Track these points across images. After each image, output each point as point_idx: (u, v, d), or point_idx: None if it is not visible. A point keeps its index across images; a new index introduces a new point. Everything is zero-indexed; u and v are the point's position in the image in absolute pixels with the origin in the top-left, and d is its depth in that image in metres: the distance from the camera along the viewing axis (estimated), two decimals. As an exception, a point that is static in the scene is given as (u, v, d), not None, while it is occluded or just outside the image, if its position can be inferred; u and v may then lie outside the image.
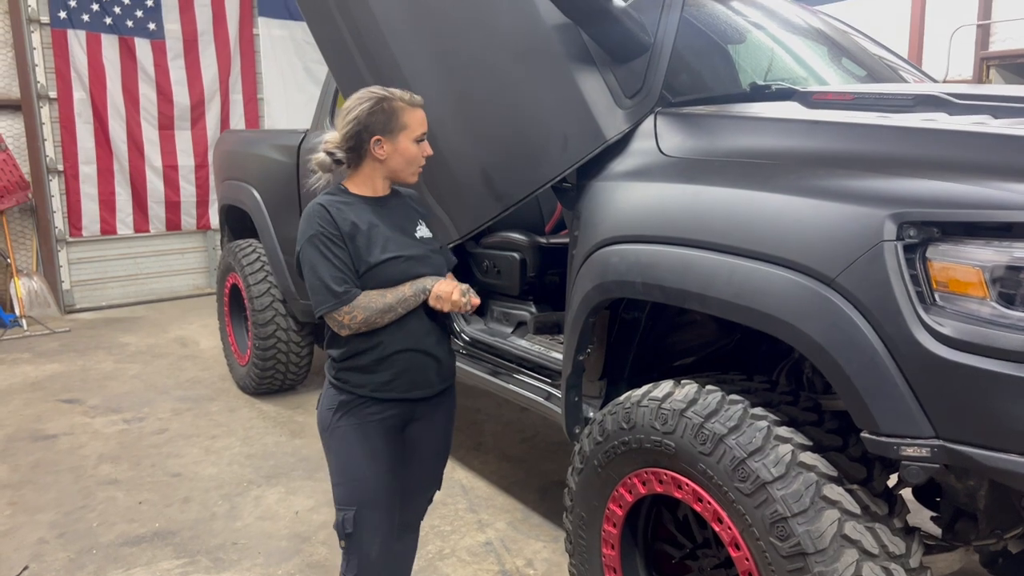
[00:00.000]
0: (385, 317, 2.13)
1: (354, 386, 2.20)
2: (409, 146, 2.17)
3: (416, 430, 2.34)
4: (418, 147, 2.19)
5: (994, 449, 1.52)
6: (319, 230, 2.11)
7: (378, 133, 2.14)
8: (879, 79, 3.24)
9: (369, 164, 2.20)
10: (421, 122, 2.19)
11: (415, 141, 2.18)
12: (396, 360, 2.19)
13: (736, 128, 2.21)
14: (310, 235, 2.12)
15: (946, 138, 1.82)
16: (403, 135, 2.16)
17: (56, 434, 4.44)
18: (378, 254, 2.15)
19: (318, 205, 2.16)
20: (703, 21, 3.18)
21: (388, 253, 2.16)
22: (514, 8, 2.45)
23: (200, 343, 6.36)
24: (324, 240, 2.11)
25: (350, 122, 2.16)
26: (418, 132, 2.18)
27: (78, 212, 7.43)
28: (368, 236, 2.15)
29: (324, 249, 2.11)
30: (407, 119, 2.16)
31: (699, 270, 1.96)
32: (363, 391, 2.20)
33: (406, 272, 2.18)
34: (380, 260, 2.15)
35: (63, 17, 7.09)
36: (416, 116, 2.18)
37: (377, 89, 2.19)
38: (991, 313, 1.53)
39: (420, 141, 2.19)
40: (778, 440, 1.84)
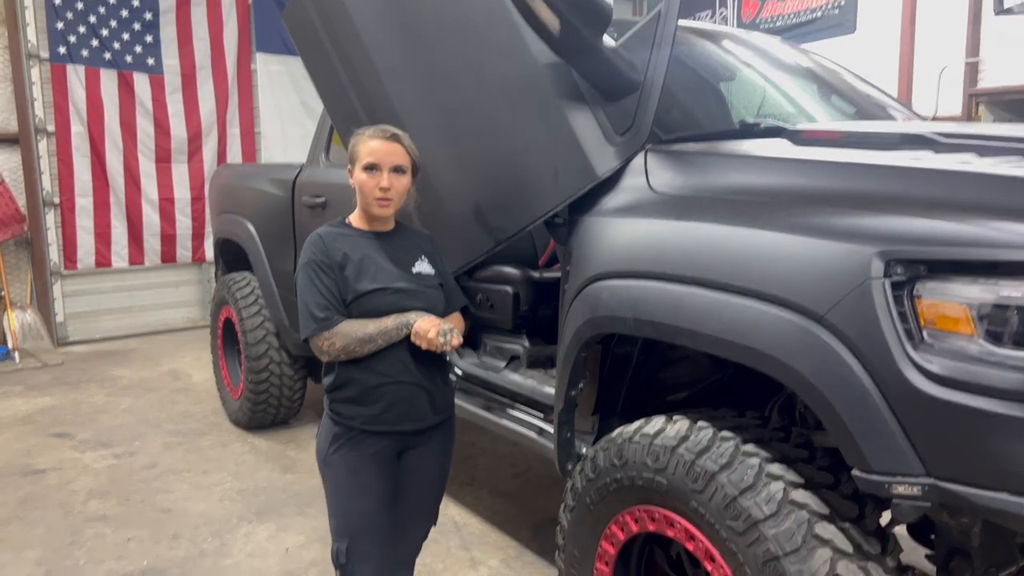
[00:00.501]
0: (365, 347, 2.15)
1: (346, 418, 2.22)
2: (359, 174, 2.23)
3: (411, 460, 2.34)
4: (369, 176, 2.22)
5: (985, 487, 1.52)
6: (311, 258, 2.20)
7: (349, 164, 2.27)
8: (868, 116, 3.28)
9: (356, 196, 2.29)
10: (372, 152, 2.22)
11: (363, 169, 2.22)
12: (384, 391, 2.20)
13: (725, 165, 2.23)
14: (303, 263, 2.21)
15: (932, 177, 1.85)
16: (357, 165, 2.24)
17: (45, 469, 4.40)
18: (366, 284, 2.19)
19: (315, 235, 2.24)
20: (694, 59, 3.23)
21: (376, 284, 2.20)
22: (507, 47, 2.49)
23: (193, 376, 6.33)
24: (314, 267, 2.18)
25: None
26: (365, 160, 2.22)
27: (73, 245, 7.44)
28: (359, 266, 2.20)
29: (313, 276, 2.18)
30: (359, 149, 2.24)
31: (689, 306, 1.96)
32: (355, 423, 2.21)
33: (393, 304, 2.20)
34: (367, 290, 2.18)
35: (63, 52, 7.16)
36: (367, 146, 2.23)
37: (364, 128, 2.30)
38: (979, 351, 1.54)
39: (371, 169, 2.21)
40: (770, 477, 1.83)
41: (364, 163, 2.21)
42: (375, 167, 2.21)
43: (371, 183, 2.21)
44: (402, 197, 2.27)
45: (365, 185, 2.22)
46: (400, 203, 2.28)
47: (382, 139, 2.23)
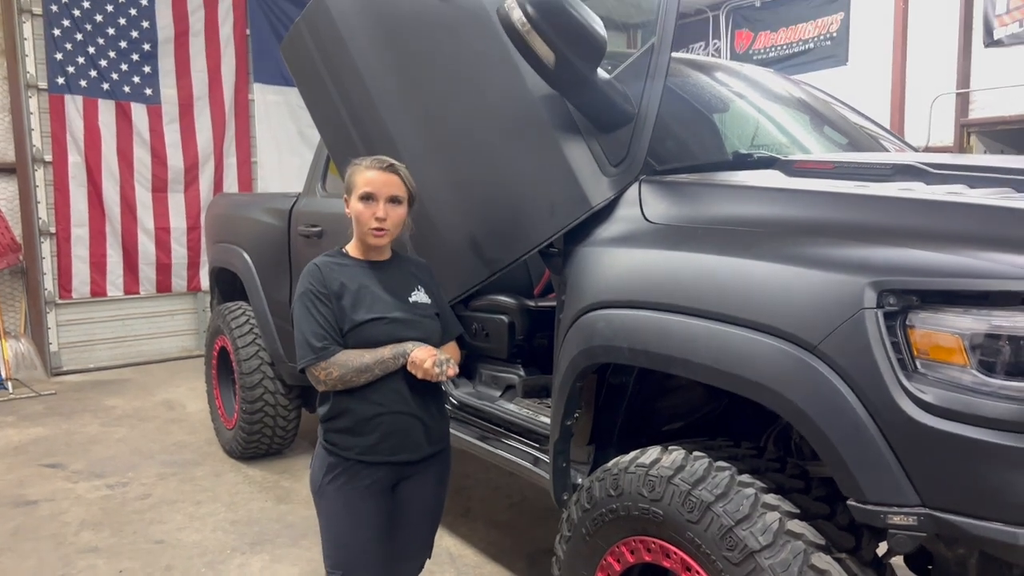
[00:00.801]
0: (361, 377, 2.15)
1: (342, 449, 2.21)
2: (355, 204, 2.25)
3: (406, 491, 2.33)
4: (365, 206, 2.23)
5: (980, 517, 1.52)
6: (308, 288, 2.20)
7: (345, 194, 2.29)
8: (860, 147, 3.31)
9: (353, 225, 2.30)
10: (369, 182, 2.23)
11: (360, 199, 2.23)
12: (380, 422, 2.20)
13: (719, 196, 2.25)
14: (300, 292, 2.22)
15: (924, 207, 1.86)
16: (354, 194, 2.25)
17: (37, 500, 4.36)
18: (363, 314, 2.19)
19: (312, 264, 2.25)
20: (687, 91, 3.26)
21: (373, 314, 2.20)
22: (503, 79, 2.52)
23: (187, 406, 6.30)
24: (311, 297, 2.19)
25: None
26: (361, 190, 2.23)
27: (69, 274, 7.43)
28: (356, 296, 2.21)
29: (310, 306, 2.18)
30: (355, 178, 2.25)
31: (684, 335, 1.97)
32: (350, 454, 2.21)
33: (391, 334, 2.21)
34: (364, 319, 2.19)
35: (61, 83, 7.21)
36: (364, 176, 2.24)
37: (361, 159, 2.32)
38: (972, 380, 1.54)
39: (367, 199, 2.23)
40: (766, 508, 1.83)
41: (361, 193, 2.22)
42: (371, 197, 2.22)
43: (367, 213, 2.22)
44: (398, 228, 2.28)
45: (361, 215, 2.23)
46: (396, 234, 2.29)
47: (379, 170, 2.24)
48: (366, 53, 2.87)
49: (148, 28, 7.61)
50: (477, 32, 2.53)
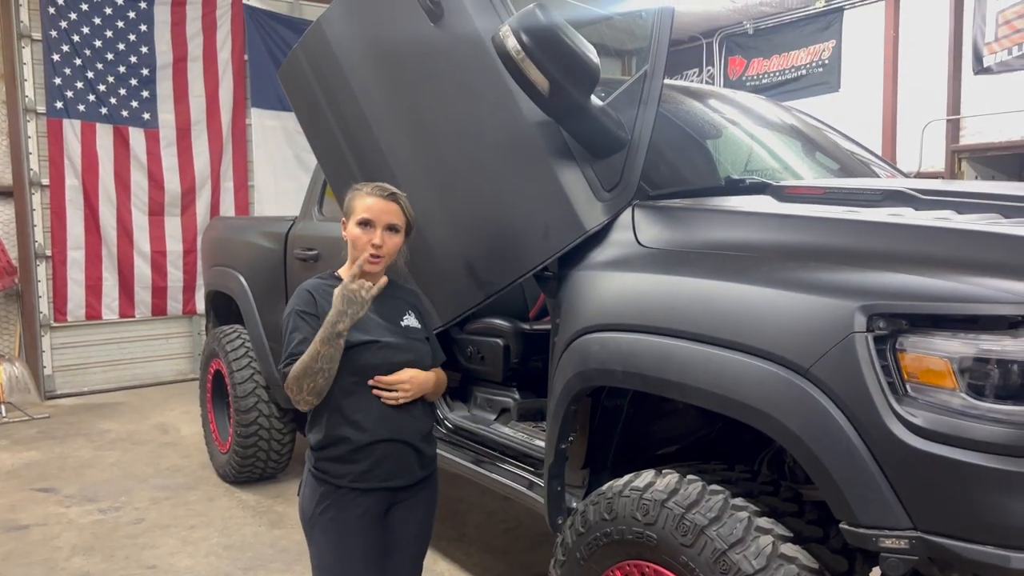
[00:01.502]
0: (318, 377, 2.12)
1: (334, 476, 2.21)
2: (353, 228, 2.26)
3: (397, 516, 2.33)
4: (362, 231, 2.24)
5: (972, 540, 1.53)
6: (295, 308, 2.24)
7: (343, 218, 2.31)
8: (851, 173, 3.35)
9: (348, 248, 2.32)
10: (368, 208, 2.25)
11: (358, 224, 2.25)
12: (374, 450, 2.21)
13: (711, 221, 2.28)
14: (287, 312, 2.25)
15: (913, 232, 1.89)
16: (352, 219, 2.27)
17: (29, 524, 4.33)
18: (356, 336, 2.19)
19: (304, 289, 2.27)
20: (681, 117, 3.30)
21: (366, 336, 2.21)
22: (498, 106, 2.55)
23: (181, 430, 6.28)
24: (295, 317, 2.22)
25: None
26: (360, 216, 2.25)
27: (64, 297, 7.43)
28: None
29: (292, 326, 2.21)
30: (355, 203, 2.27)
31: (677, 359, 1.98)
32: (342, 482, 2.20)
33: (384, 358, 2.23)
34: (357, 342, 2.19)
35: (59, 107, 7.26)
36: (364, 202, 2.26)
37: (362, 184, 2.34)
38: (961, 404, 1.56)
39: (365, 225, 2.24)
40: (759, 531, 1.83)
41: (359, 218, 2.24)
42: (369, 223, 2.24)
43: (364, 239, 2.24)
44: (392, 256, 2.29)
45: (358, 240, 2.25)
46: (390, 262, 2.30)
47: (379, 196, 2.26)
48: (362, 79, 2.90)
49: (147, 53, 7.68)
50: (472, 59, 2.57)
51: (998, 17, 7.64)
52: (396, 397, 2.23)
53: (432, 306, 2.88)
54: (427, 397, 2.35)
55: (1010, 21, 7.56)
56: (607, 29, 3.26)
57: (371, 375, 2.21)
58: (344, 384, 2.19)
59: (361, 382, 2.21)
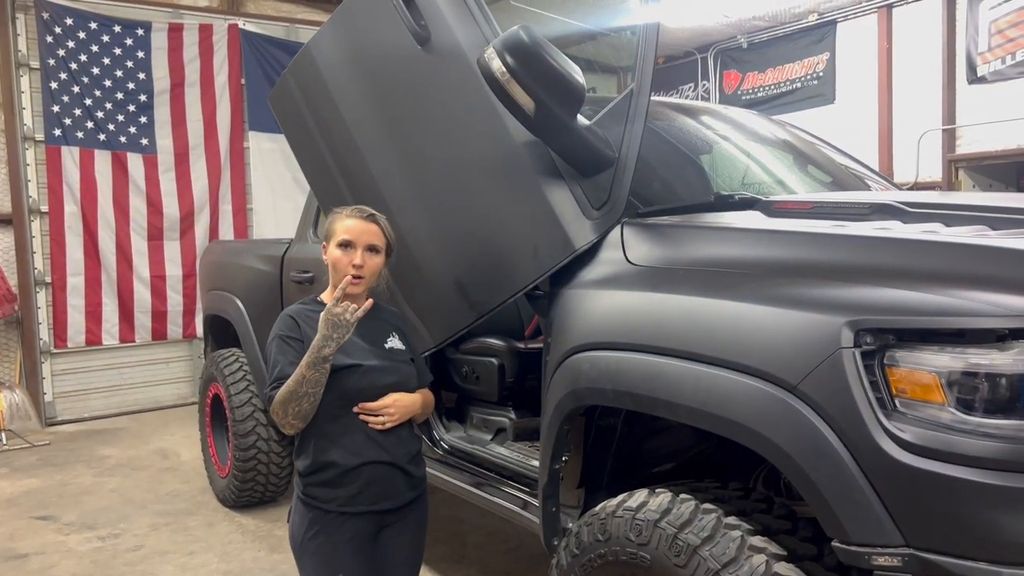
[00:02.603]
0: (303, 401, 2.12)
1: (322, 501, 2.20)
2: (333, 251, 2.28)
3: (387, 538, 2.33)
4: (343, 253, 2.26)
5: (964, 557, 1.51)
6: (279, 333, 2.25)
7: (324, 241, 2.33)
8: (843, 186, 3.35)
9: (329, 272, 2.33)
10: (348, 230, 2.27)
11: (338, 246, 2.27)
12: (361, 472, 2.21)
13: (699, 238, 2.27)
14: (271, 337, 2.27)
15: (899, 246, 1.88)
16: (332, 241, 2.29)
17: (28, 553, 4.31)
18: (342, 359, 2.19)
19: (286, 316, 2.28)
20: (671, 134, 3.31)
21: (351, 360, 2.21)
22: (485, 126, 2.56)
23: (181, 455, 6.26)
24: (279, 342, 2.23)
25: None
26: (340, 237, 2.27)
27: (64, 323, 7.44)
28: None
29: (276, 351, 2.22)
30: (336, 226, 2.29)
31: (667, 377, 1.97)
32: (331, 506, 2.20)
33: (370, 381, 2.24)
34: (343, 365, 2.19)
35: (58, 134, 7.30)
36: (343, 224, 2.28)
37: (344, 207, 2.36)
38: (950, 419, 1.54)
39: (345, 247, 2.26)
40: (752, 550, 1.81)
41: (339, 240, 2.26)
42: (350, 244, 2.25)
43: (345, 260, 2.25)
44: (374, 276, 2.30)
45: (339, 262, 2.26)
46: (371, 282, 2.31)
47: (359, 218, 2.28)
48: (351, 102, 2.91)
49: (144, 80, 7.72)
50: (459, 80, 2.58)
51: (991, 27, 7.67)
52: (382, 422, 2.22)
53: (421, 326, 2.88)
54: (414, 419, 2.35)
55: (1003, 30, 7.59)
56: (600, 47, 3.28)
57: (356, 399, 2.21)
58: (330, 408, 2.19)
59: (347, 406, 2.20)
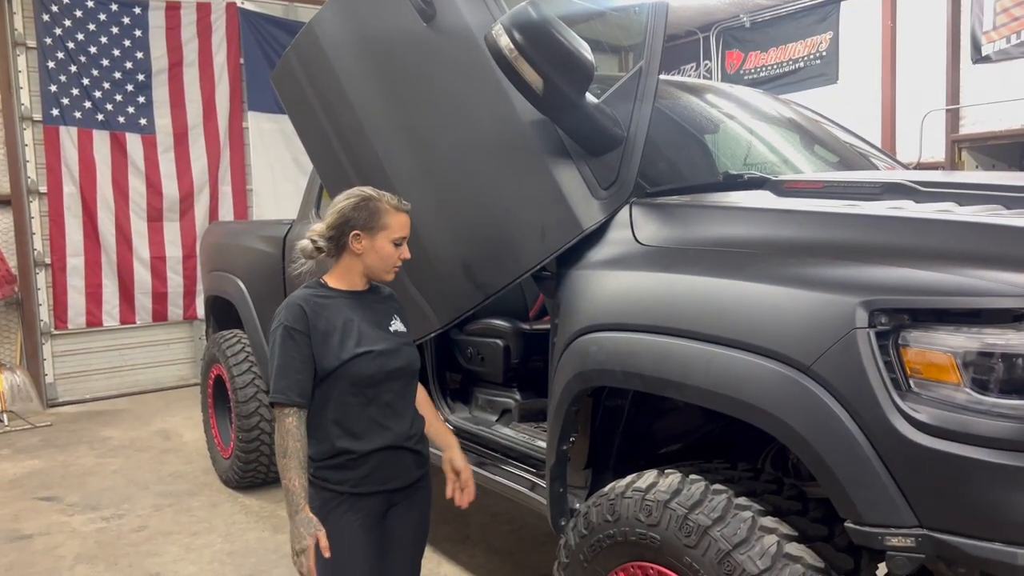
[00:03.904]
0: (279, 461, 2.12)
1: (334, 483, 2.21)
2: (386, 245, 2.23)
3: (395, 516, 2.34)
4: (395, 249, 2.25)
5: (979, 537, 1.50)
6: (284, 323, 2.18)
7: (358, 228, 2.22)
8: (850, 166, 3.32)
9: (347, 258, 2.26)
10: (403, 226, 2.25)
11: (393, 243, 2.24)
12: (374, 456, 2.22)
13: (709, 217, 2.25)
14: (275, 327, 2.20)
15: (913, 226, 1.87)
16: (382, 234, 2.22)
17: (32, 534, 4.32)
18: (352, 348, 2.19)
19: (294, 302, 2.21)
20: (677, 113, 3.28)
21: (361, 348, 2.20)
22: (492, 106, 2.53)
23: (183, 436, 6.26)
24: (286, 333, 2.17)
25: (335, 214, 2.24)
26: (397, 235, 2.24)
27: (64, 305, 7.42)
28: (343, 332, 2.20)
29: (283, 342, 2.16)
30: (389, 220, 2.23)
31: (677, 358, 1.96)
32: (343, 487, 2.21)
33: (380, 366, 2.22)
34: (353, 355, 2.19)
35: (55, 114, 7.24)
36: (398, 219, 2.25)
37: (369, 190, 2.28)
38: (966, 399, 1.54)
39: (399, 244, 2.25)
40: (763, 531, 1.81)
41: (396, 237, 2.23)
42: (403, 241, 2.25)
43: (395, 254, 2.25)
44: None
45: (389, 256, 2.24)
46: None
47: (405, 211, 2.27)
48: (355, 81, 2.88)
49: (142, 59, 7.65)
50: (466, 58, 2.55)
51: (996, 5, 7.61)
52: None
53: (427, 307, 2.86)
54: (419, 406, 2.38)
55: (1008, 9, 7.52)
56: (603, 26, 3.24)
57: (367, 385, 2.21)
58: (342, 396, 2.19)
59: (359, 392, 2.20)
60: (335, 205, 2.27)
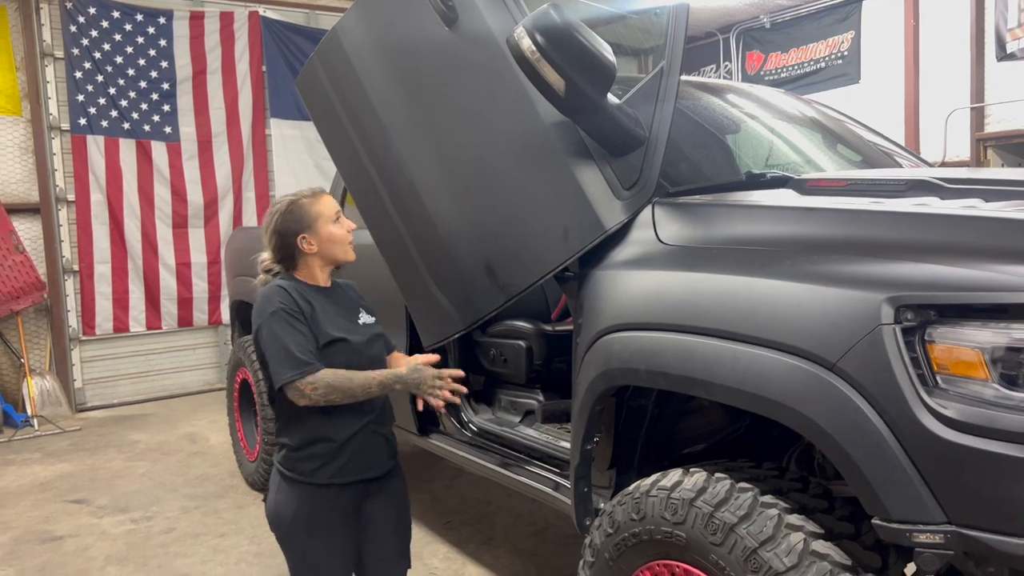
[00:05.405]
0: (345, 398, 2.20)
1: (309, 475, 2.26)
2: (331, 229, 2.34)
3: (372, 507, 2.40)
4: (339, 226, 2.36)
5: (1008, 534, 1.49)
6: (280, 306, 2.23)
7: (301, 232, 2.32)
8: (874, 164, 3.31)
9: (306, 260, 2.36)
10: (330, 204, 2.37)
11: (334, 222, 2.35)
12: (350, 444, 2.28)
13: (732, 216, 2.26)
14: (271, 311, 2.22)
15: (939, 222, 1.86)
16: (321, 222, 2.33)
17: (63, 536, 4.39)
18: (333, 331, 2.27)
19: (277, 287, 2.29)
20: (699, 113, 3.28)
21: (340, 334, 2.28)
22: (514, 108, 2.54)
23: (210, 439, 6.33)
24: (287, 315, 2.21)
25: (272, 236, 2.35)
26: (332, 214, 2.35)
27: (92, 311, 7.53)
28: (321, 317, 2.28)
29: (288, 322, 2.20)
30: (318, 209, 2.34)
31: (702, 357, 1.97)
32: (321, 479, 2.26)
33: (354, 353, 2.30)
34: (332, 338, 2.26)
35: (83, 124, 7.35)
36: (323, 202, 2.36)
37: (283, 199, 2.39)
38: (994, 395, 1.53)
39: (338, 219, 2.36)
40: (789, 528, 1.81)
41: (332, 216, 2.34)
42: (340, 216, 2.37)
43: (341, 232, 2.36)
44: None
45: (339, 236, 2.35)
46: None
47: (325, 193, 2.40)
48: (378, 86, 2.91)
49: (167, 68, 7.76)
50: (488, 62, 2.57)
51: (1020, 3, 7.52)
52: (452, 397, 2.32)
53: (450, 308, 2.86)
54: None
55: (1033, 6, 7.44)
56: (623, 28, 3.24)
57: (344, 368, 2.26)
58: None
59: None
60: (267, 231, 2.37)
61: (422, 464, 5.28)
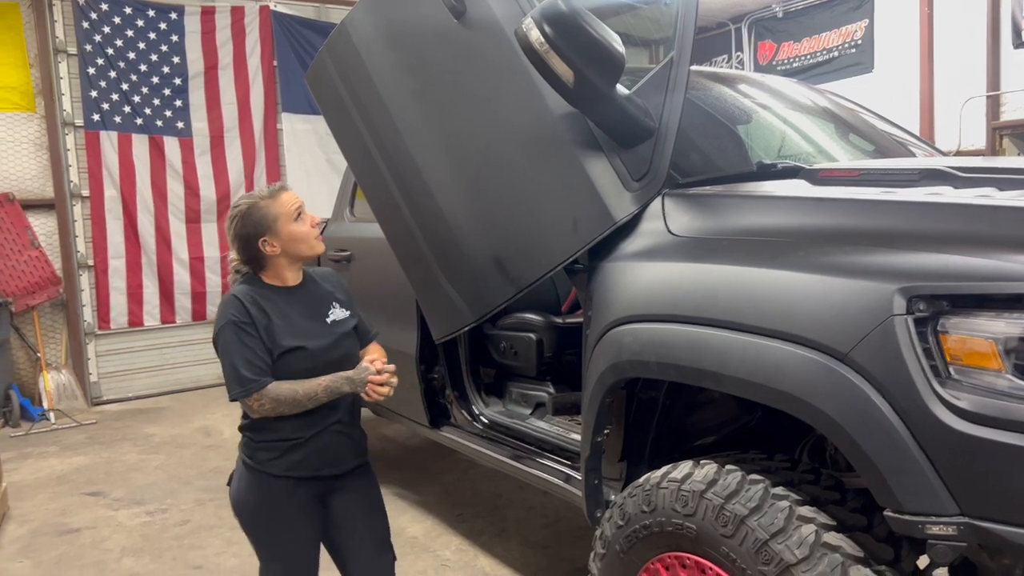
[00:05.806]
0: (293, 410, 2.21)
1: (266, 464, 2.28)
2: (292, 228, 2.31)
3: (337, 502, 2.41)
4: (300, 223, 2.32)
5: (1021, 525, 1.48)
6: (232, 318, 2.22)
7: (261, 235, 2.29)
8: (887, 154, 3.28)
9: (272, 261, 2.33)
10: (290, 200, 2.33)
11: (295, 220, 2.31)
12: (311, 440, 2.28)
13: (743, 207, 2.24)
14: (223, 324, 2.23)
15: (952, 211, 1.84)
16: (281, 222, 2.30)
17: (80, 528, 4.43)
18: (288, 341, 2.25)
19: (232, 296, 2.27)
20: (709, 103, 3.26)
21: (295, 343, 2.26)
22: (523, 99, 2.54)
23: (224, 432, 6.37)
24: (237, 328, 2.21)
25: (236, 241, 2.33)
26: (292, 210, 2.31)
27: (107, 305, 7.58)
28: (279, 327, 2.26)
29: (238, 336, 2.20)
30: (276, 209, 2.30)
31: (713, 348, 1.96)
32: (277, 470, 2.27)
33: (313, 358, 2.27)
34: (286, 348, 2.24)
35: (96, 119, 7.39)
36: (282, 200, 2.32)
37: (241, 202, 2.34)
38: (1008, 386, 1.51)
39: (299, 216, 2.32)
40: (801, 520, 1.80)
41: (292, 213, 2.30)
42: (301, 212, 2.32)
43: (305, 228, 2.32)
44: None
45: (302, 233, 2.32)
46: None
47: (283, 188, 2.36)
48: (387, 79, 2.91)
49: (179, 63, 7.78)
50: (496, 53, 2.56)
51: (1037, -11, 7.42)
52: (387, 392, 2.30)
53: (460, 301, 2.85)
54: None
55: (1050, -8, 7.34)
56: (632, 19, 3.22)
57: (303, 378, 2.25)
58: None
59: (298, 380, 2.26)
60: (231, 234, 2.34)
61: (433, 457, 5.30)
